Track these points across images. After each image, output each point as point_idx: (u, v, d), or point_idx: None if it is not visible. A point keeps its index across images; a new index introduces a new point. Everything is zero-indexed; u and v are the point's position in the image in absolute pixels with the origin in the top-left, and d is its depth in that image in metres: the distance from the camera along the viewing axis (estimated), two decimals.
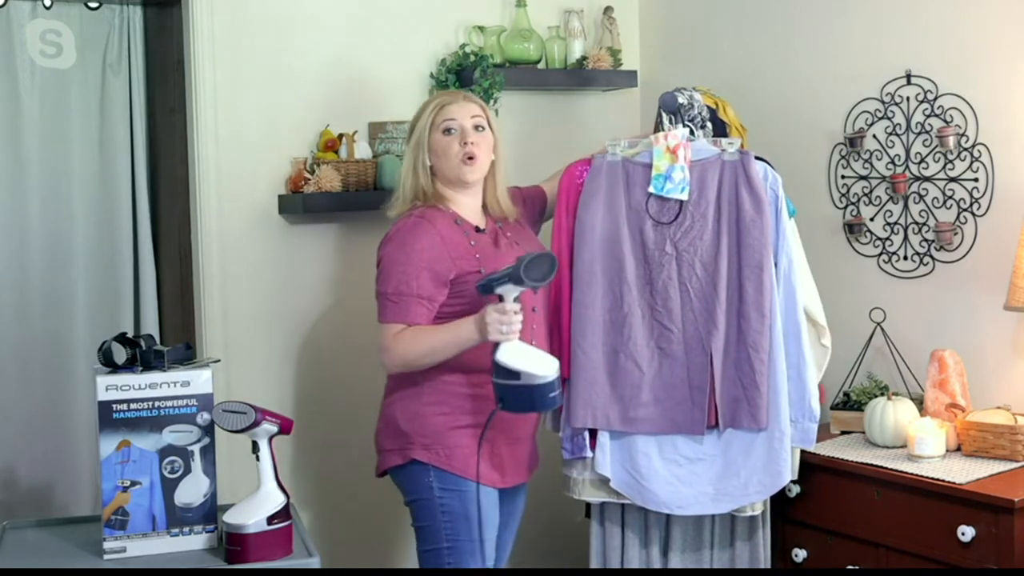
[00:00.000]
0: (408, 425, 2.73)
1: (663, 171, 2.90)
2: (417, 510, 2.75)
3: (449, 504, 2.70)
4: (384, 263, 2.71)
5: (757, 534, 3.03)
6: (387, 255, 2.71)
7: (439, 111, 2.78)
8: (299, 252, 3.51)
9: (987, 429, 2.86)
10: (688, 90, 3.06)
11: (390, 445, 2.77)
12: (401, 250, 2.69)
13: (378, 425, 2.84)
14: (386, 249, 2.73)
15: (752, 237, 2.85)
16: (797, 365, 2.90)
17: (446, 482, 2.70)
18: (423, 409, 2.72)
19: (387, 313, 2.68)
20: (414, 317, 2.66)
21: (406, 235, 2.70)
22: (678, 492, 2.92)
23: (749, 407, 2.85)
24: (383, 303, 2.69)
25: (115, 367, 2.46)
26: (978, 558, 2.66)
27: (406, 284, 2.66)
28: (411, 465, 2.72)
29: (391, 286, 2.67)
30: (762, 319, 2.84)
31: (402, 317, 2.66)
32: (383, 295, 2.69)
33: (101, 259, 3.92)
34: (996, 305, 2.99)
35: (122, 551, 2.40)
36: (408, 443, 2.72)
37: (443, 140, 2.77)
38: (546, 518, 3.75)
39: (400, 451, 2.74)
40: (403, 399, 2.75)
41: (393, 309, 2.67)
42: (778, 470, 2.87)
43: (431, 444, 2.70)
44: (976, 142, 3.10)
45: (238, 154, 3.40)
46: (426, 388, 2.72)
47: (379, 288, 2.71)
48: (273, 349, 3.49)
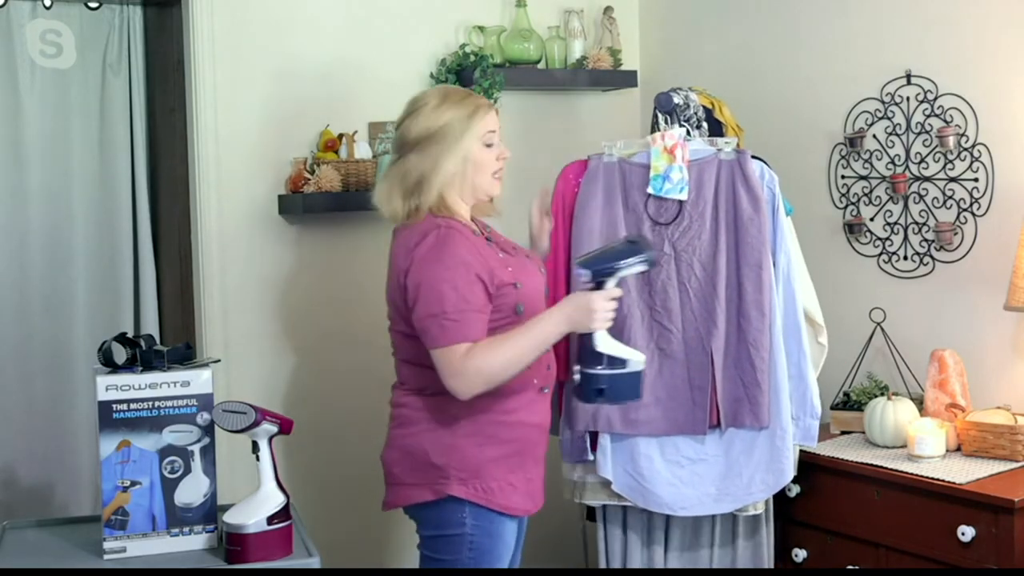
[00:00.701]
0: (442, 459, 2.49)
1: (661, 171, 2.90)
2: (442, 545, 2.55)
3: (479, 541, 2.52)
4: (429, 282, 2.40)
5: (760, 533, 3.03)
6: (429, 273, 2.41)
7: (482, 120, 2.52)
8: (299, 252, 3.51)
9: (987, 429, 2.86)
10: (684, 90, 3.06)
11: (414, 479, 2.53)
12: (444, 265, 2.41)
13: (391, 455, 2.58)
14: (424, 268, 2.42)
15: (750, 236, 2.85)
16: (798, 363, 2.90)
17: (481, 518, 2.51)
18: (459, 441, 2.49)
19: (447, 335, 2.38)
20: (477, 333, 2.39)
21: (443, 248, 2.43)
22: (681, 493, 2.92)
23: (751, 406, 2.86)
24: (439, 325, 2.38)
25: (115, 367, 2.46)
26: (978, 558, 2.66)
27: (463, 300, 2.39)
28: (444, 501, 2.51)
29: (448, 304, 2.38)
30: (762, 317, 2.85)
31: (464, 335, 2.38)
32: (439, 316, 2.38)
33: (101, 259, 3.92)
34: (996, 305, 2.99)
35: (122, 551, 2.40)
36: (442, 477, 2.49)
37: (485, 155, 2.53)
38: (548, 521, 3.75)
39: (430, 486, 2.51)
40: (433, 431, 2.51)
41: (454, 328, 2.38)
42: (781, 468, 2.87)
43: (468, 479, 2.49)
44: (976, 142, 3.10)
45: (238, 154, 3.40)
46: (463, 419, 2.49)
47: (430, 310, 2.39)
48: (273, 349, 3.49)
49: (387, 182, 2.55)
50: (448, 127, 2.49)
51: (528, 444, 2.56)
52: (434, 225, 2.47)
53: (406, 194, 2.50)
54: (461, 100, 2.54)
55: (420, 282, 2.42)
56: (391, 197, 2.52)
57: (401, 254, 2.49)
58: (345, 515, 3.59)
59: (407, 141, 2.52)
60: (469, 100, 2.55)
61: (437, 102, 2.53)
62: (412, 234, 2.48)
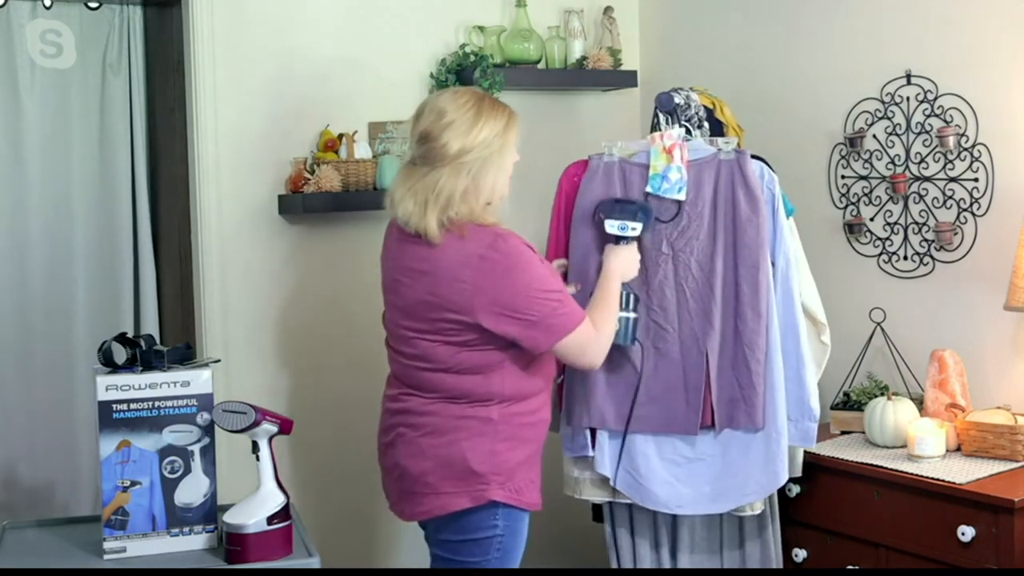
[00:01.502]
0: (483, 465, 2.50)
1: (660, 171, 2.90)
2: (470, 548, 2.56)
3: (507, 541, 2.56)
4: (530, 287, 2.45)
5: (766, 532, 3.02)
6: (526, 281, 2.46)
7: (514, 130, 2.54)
8: (299, 252, 3.51)
9: (987, 429, 2.86)
10: (684, 90, 3.06)
11: (452, 488, 2.52)
12: (530, 265, 2.47)
13: (423, 465, 2.54)
14: (511, 279, 2.45)
15: (748, 236, 2.85)
16: (796, 365, 2.89)
17: (510, 518, 2.55)
18: (497, 446, 2.52)
19: (572, 319, 2.50)
20: (581, 309, 2.55)
21: (513, 256, 2.46)
22: (677, 492, 2.92)
23: (746, 407, 2.85)
24: (561, 315, 2.48)
25: (115, 367, 2.46)
26: (978, 558, 2.66)
27: (558, 284, 2.53)
28: (483, 507, 2.52)
29: (556, 295, 2.49)
30: (758, 319, 2.84)
31: (579, 314, 2.52)
32: (556, 309, 2.47)
33: (101, 259, 3.92)
34: (996, 305, 2.99)
35: (122, 551, 2.40)
36: (482, 483, 2.51)
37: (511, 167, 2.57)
38: (552, 519, 3.75)
39: (469, 493, 2.51)
40: (471, 438, 2.51)
41: (572, 311, 2.50)
42: (775, 470, 2.86)
43: (505, 482, 2.52)
44: (976, 142, 3.10)
45: (238, 154, 3.40)
46: (501, 425, 2.52)
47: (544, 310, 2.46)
48: (273, 349, 3.49)
49: (416, 195, 2.48)
50: (488, 143, 2.47)
51: (542, 441, 2.64)
52: (492, 236, 2.45)
53: (442, 209, 2.45)
54: (494, 112, 2.51)
55: (515, 291, 2.44)
56: (425, 213, 2.46)
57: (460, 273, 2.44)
58: (345, 515, 3.59)
59: (446, 155, 2.45)
60: (501, 111, 2.52)
61: (474, 115, 2.48)
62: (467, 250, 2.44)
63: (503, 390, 2.52)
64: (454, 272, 2.44)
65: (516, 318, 2.44)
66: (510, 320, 2.44)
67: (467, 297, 2.43)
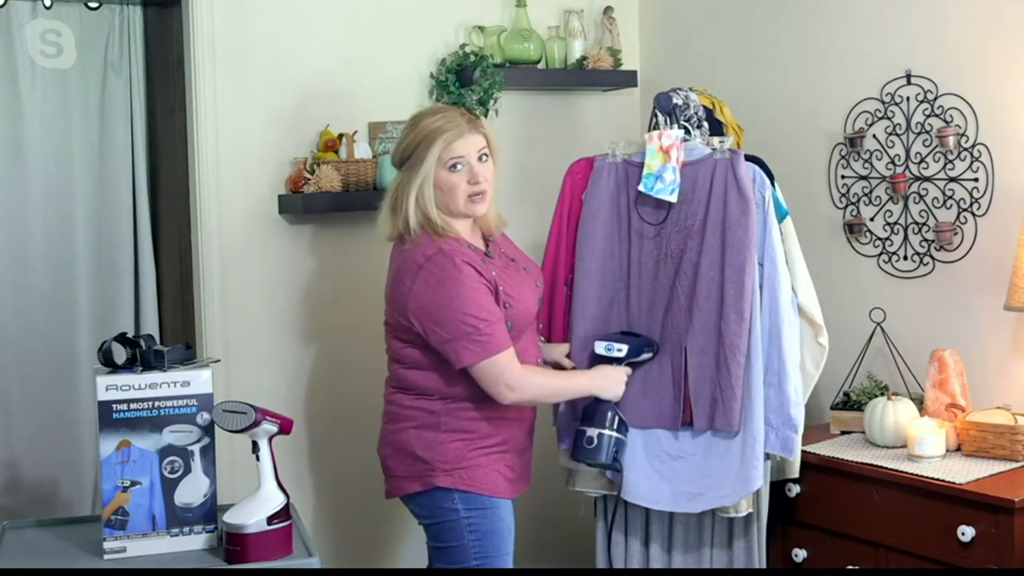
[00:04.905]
0: (427, 453, 2.65)
1: (655, 170, 2.90)
2: (441, 531, 2.69)
3: (477, 523, 2.66)
4: (448, 304, 2.55)
5: (751, 533, 3.02)
6: (445, 297, 2.56)
7: (445, 147, 2.60)
8: (299, 252, 3.51)
9: (987, 429, 2.86)
10: (684, 90, 3.06)
11: (404, 472, 2.70)
12: (459, 285, 2.56)
13: (384, 449, 2.76)
14: (439, 292, 2.56)
15: (736, 238, 2.84)
16: (778, 371, 2.86)
17: (471, 503, 2.66)
18: (440, 436, 2.66)
19: (485, 349, 2.55)
20: (508, 341, 2.59)
21: (448, 271, 2.57)
22: (656, 487, 2.92)
23: (724, 408, 2.84)
24: (474, 342, 2.54)
25: (115, 367, 2.46)
26: (978, 558, 2.66)
27: (488, 312, 2.56)
28: (433, 491, 2.67)
29: (476, 322, 2.54)
30: (740, 321, 2.83)
31: (499, 346, 2.56)
32: (471, 334, 2.54)
33: (101, 259, 3.92)
34: (996, 305, 2.99)
35: (122, 551, 2.41)
36: (428, 471, 2.66)
37: (450, 178, 2.63)
38: (548, 517, 3.75)
39: (418, 478, 2.68)
40: (417, 428, 2.68)
41: (489, 342, 2.55)
42: (747, 475, 2.84)
43: (452, 469, 2.65)
44: (976, 142, 3.10)
45: (238, 154, 3.40)
46: (444, 417, 2.66)
47: (458, 331, 2.54)
48: (273, 349, 3.49)
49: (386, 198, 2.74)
50: (413, 150, 2.65)
51: (511, 438, 2.73)
52: (435, 249, 2.60)
53: (392, 211, 2.69)
54: (430, 124, 2.64)
55: (439, 305, 2.57)
56: (385, 215, 2.72)
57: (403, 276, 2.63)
58: (345, 514, 3.59)
59: (395, 160, 2.72)
60: (437, 124, 2.63)
61: (414, 123, 2.68)
62: (414, 255, 2.62)
63: (443, 388, 2.66)
64: (401, 275, 2.64)
65: (435, 331, 2.58)
66: (431, 331, 2.59)
67: (404, 299, 2.62)
